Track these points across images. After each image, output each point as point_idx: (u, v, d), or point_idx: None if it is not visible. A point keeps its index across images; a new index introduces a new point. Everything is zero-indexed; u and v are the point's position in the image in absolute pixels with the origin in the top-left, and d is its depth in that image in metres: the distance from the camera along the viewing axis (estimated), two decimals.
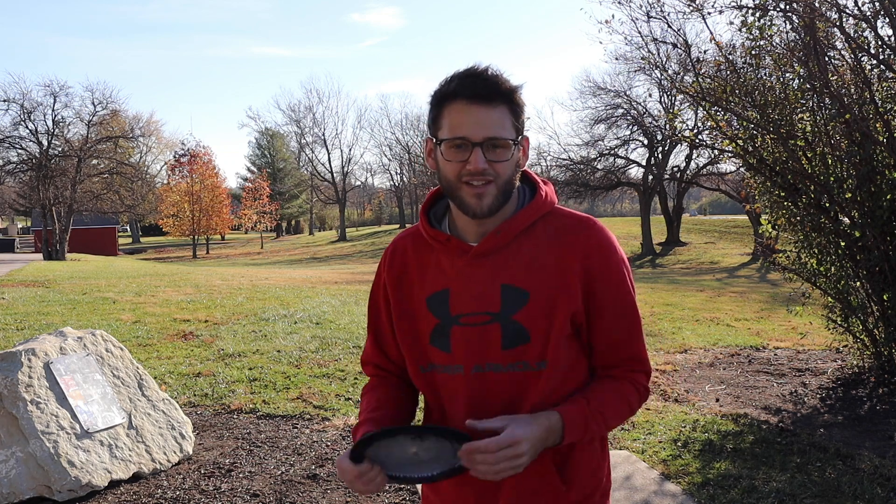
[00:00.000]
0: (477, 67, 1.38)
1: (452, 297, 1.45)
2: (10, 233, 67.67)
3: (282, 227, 74.38)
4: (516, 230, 1.43)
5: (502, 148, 1.37)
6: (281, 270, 26.13)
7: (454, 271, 1.45)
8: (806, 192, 5.69)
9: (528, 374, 1.41)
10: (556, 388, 1.42)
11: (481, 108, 1.35)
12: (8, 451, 3.68)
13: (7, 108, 32.52)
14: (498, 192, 1.38)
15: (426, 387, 1.52)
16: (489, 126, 1.35)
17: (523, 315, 1.40)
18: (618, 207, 73.35)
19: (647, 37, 9.48)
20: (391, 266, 1.55)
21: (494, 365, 1.42)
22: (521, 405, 1.41)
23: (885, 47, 5.49)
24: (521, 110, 1.40)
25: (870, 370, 6.06)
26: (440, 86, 1.40)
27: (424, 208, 1.54)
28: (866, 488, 3.73)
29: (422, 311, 1.49)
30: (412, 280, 1.51)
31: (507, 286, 1.41)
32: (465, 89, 1.36)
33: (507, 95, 1.37)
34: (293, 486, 3.90)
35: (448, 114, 1.38)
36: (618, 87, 36.46)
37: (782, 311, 10.80)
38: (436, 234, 1.47)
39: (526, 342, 1.40)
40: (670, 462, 4.24)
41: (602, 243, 1.44)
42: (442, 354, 1.46)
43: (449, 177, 1.39)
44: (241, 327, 8.93)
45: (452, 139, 1.37)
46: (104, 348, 4.38)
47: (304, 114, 66.97)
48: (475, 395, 1.43)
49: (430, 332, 1.47)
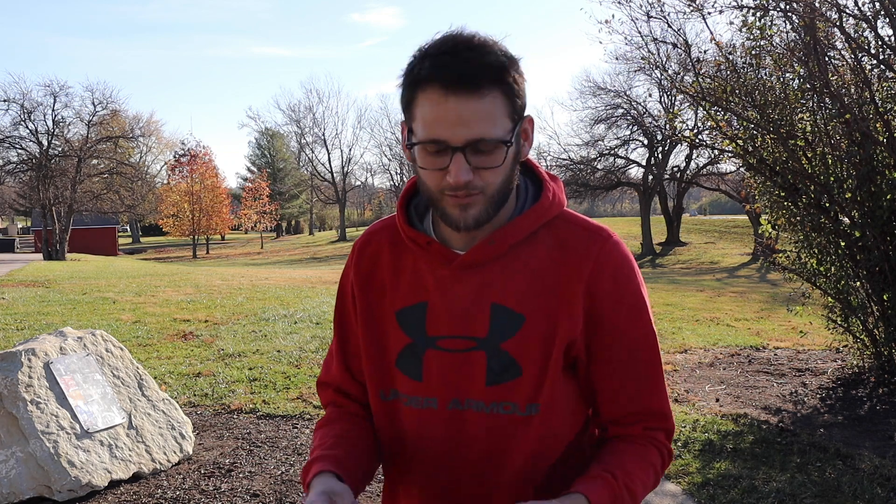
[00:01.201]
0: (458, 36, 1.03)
1: (430, 313, 1.16)
2: (10, 233, 67.67)
3: (282, 227, 74.39)
4: (513, 239, 1.14)
5: (492, 152, 1.04)
6: (281, 270, 26.13)
7: (435, 282, 1.16)
8: (806, 192, 5.69)
9: (516, 418, 1.13)
10: (550, 439, 1.16)
11: (462, 99, 1.01)
12: (8, 451, 3.68)
13: (7, 108, 32.59)
14: (488, 202, 1.08)
15: (385, 418, 1.22)
16: (473, 123, 1.01)
17: (515, 344, 1.12)
18: (618, 207, 73.33)
19: (647, 37, 9.49)
20: (359, 263, 1.25)
21: (476, 402, 1.14)
22: (505, 457, 1.14)
23: (885, 47, 5.49)
24: (520, 89, 1.06)
25: (870, 370, 6.06)
26: (412, 61, 1.06)
27: (403, 198, 1.22)
28: (866, 488, 3.73)
29: (391, 325, 1.19)
30: (383, 284, 1.21)
31: (498, 306, 1.13)
32: (441, 73, 1.01)
33: (498, 75, 1.02)
34: (293, 486, 3.90)
35: (421, 103, 1.04)
36: (618, 87, 36.52)
37: (782, 311, 10.79)
38: (415, 236, 1.17)
39: (516, 377, 1.12)
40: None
41: (617, 261, 1.14)
42: (410, 382, 1.17)
43: (427, 184, 1.09)
44: (241, 327, 8.93)
45: (426, 142, 1.04)
46: (104, 348, 4.38)
47: (304, 114, 67.04)
48: (450, 438, 1.15)
49: (398, 352, 1.19)
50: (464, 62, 1.01)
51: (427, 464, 1.18)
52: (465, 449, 1.15)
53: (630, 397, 1.16)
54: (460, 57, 1.01)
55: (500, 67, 1.03)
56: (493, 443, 1.14)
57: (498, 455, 1.15)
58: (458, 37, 1.04)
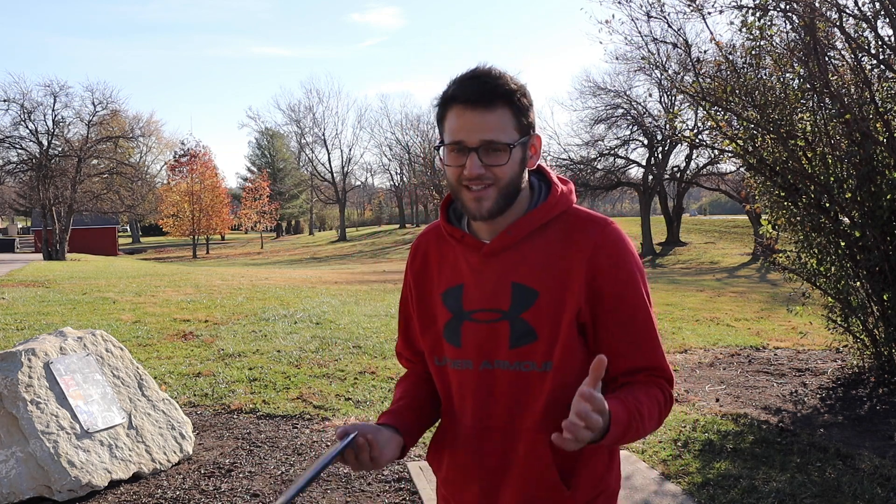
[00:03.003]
0: (479, 69, 1.37)
1: (466, 292, 1.46)
2: (10, 233, 67.64)
3: (282, 227, 74.41)
4: (528, 229, 1.42)
5: (500, 151, 1.35)
6: (281, 270, 26.13)
7: (469, 268, 1.47)
8: (806, 192, 5.69)
9: (534, 374, 1.40)
10: (562, 391, 1.38)
11: (478, 112, 1.33)
12: (8, 451, 3.68)
13: (7, 108, 32.64)
14: (498, 195, 1.37)
15: (439, 379, 1.54)
16: (486, 130, 1.33)
17: (531, 314, 1.39)
18: (618, 207, 73.30)
19: (647, 37, 9.50)
20: (413, 261, 1.59)
21: (502, 362, 1.42)
22: (527, 405, 1.41)
23: (885, 47, 5.49)
24: (527, 110, 1.38)
25: (870, 370, 6.06)
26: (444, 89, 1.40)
27: (444, 204, 1.55)
28: (866, 488, 3.73)
29: (438, 306, 1.51)
30: (432, 274, 1.54)
31: (517, 284, 1.41)
32: (462, 93, 1.34)
33: (507, 96, 1.34)
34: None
35: (448, 118, 1.37)
36: (618, 87, 36.52)
37: (782, 311, 10.79)
38: (452, 231, 1.48)
39: (533, 341, 1.39)
40: (670, 462, 4.24)
41: (612, 241, 1.40)
42: (453, 349, 1.48)
43: (451, 180, 1.40)
44: (241, 327, 8.93)
45: (450, 143, 1.36)
46: (104, 348, 4.38)
47: (304, 114, 67.12)
48: (482, 391, 1.44)
49: (443, 326, 1.49)
50: (481, 84, 1.34)
51: (467, 411, 1.47)
52: (494, 399, 1.44)
53: (631, 355, 1.40)
54: (479, 80, 1.35)
55: (510, 91, 1.35)
56: (517, 394, 1.42)
57: (521, 403, 1.42)
58: (480, 68, 1.37)
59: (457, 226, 1.50)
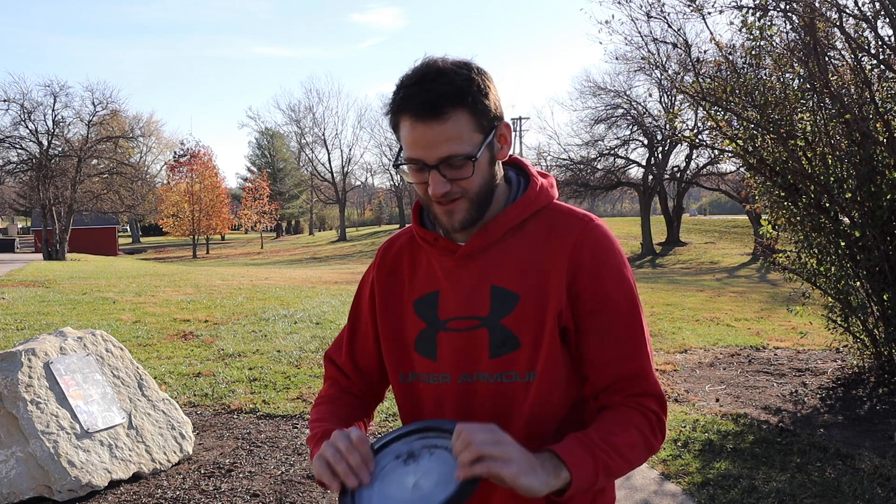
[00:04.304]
0: (422, 67, 1.21)
1: (441, 300, 1.32)
2: (10, 233, 67.65)
3: (282, 227, 74.40)
4: (505, 227, 1.29)
5: (462, 166, 1.21)
6: (281, 270, 26.13)
7: (444, 273, 1.33)
8: (806, 192, 5.69)
9: (517, 385, 1.27)
10: (547, 404, 1.27)
11: (429, 125, 1.17)
12: (8, 451, 3.68)
13: (7, 108, 32.58)
14: (470, 206, 1.25)
15: (405, 398, 1.38)
16: (442, 144, 1.18)
17: (512, 319, 1.26)
18: (618, 207, 73.28)
19: (647, 37, 9.51)
20: (382, 264, 1.43)
21: (483, 374, 1.28)
22: (510, 420, 1.28)
23: (885, 47, 5.49)
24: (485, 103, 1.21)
25: (870, 370, 6.06)
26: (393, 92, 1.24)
27: (417, 205, 1.40)
28: (866, 488, 3.73)
29: (408, 315, 1.37)
30: (402, 281, 1.39)
31: (496, 288, 1.28)
32: (410, 103, 1.18)
33: (458, 98, 1.18)
34: (293, 486, 3.90)
35: (402, 128, 1.22)
36: (618, 87, 36.47)
37: (782, 311, 10.79)
38: (425, 234, 1.34)
39: (515, 349, 1.26)
40: (670, 462, 4.24)
41: (595, 239, 1.27)
42: (426, 362, 1.34)
43: (419, 194, 1.28)
44: (241, 327, 8.93)
45: (408, 161, 1.23)
46: (104, 348, 4.38)
47: (304, 114, 67.00)
48: (462, 408, 1.30)
49: (415, 338, 1.35)
50: (426, 92, 1.17)
51: None
52: (475, 416, 1.29)
53: (612, 363, 1.26)
54: (424, 87, 1.17)
55: (460, 91, 1.18)
56: (499, 408, 1.28)
57: (503, 418, 1.27)
58: (424, 67, 1.20)
59: (430, 229, 1.36)
